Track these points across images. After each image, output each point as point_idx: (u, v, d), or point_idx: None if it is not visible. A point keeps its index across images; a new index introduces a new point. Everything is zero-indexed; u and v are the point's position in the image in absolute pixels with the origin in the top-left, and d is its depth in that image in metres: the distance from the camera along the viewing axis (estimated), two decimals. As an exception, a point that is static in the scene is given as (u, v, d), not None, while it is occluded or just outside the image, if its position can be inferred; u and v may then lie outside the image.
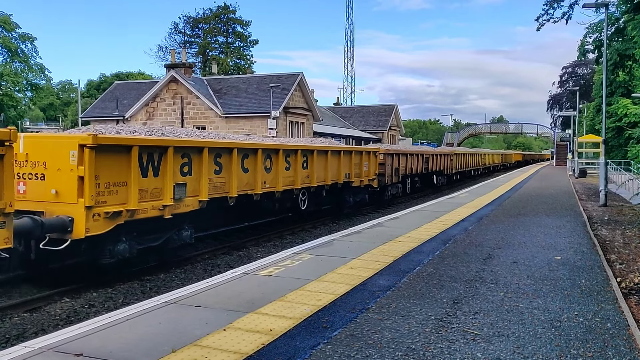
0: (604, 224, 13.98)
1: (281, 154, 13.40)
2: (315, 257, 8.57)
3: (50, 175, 8.27)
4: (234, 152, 11.45)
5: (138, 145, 8.90)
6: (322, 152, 15.69)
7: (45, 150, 8.34)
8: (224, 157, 11.22)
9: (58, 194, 8.17)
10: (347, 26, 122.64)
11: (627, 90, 38.27)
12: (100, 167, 8.28)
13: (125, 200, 8.74)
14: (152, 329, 5.14)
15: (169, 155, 9.54)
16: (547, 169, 56.03)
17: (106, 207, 8.38)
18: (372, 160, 19.60)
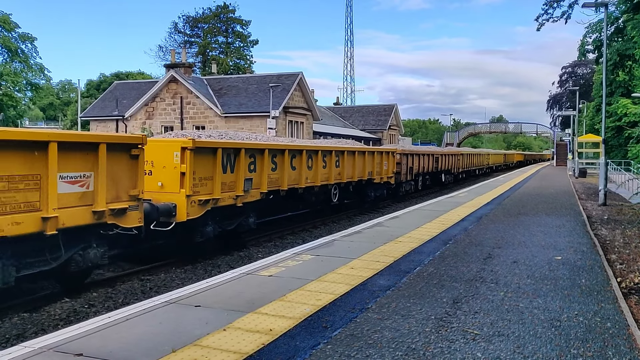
0: (603, 223, 13.99)
1: (320, 154, 15.51)
2: (316, 257, 8.57)
3: (157, 171, 10.30)
4: (286, 153, 13.64)
5: (222, 147, 11.15)
6: (351, 153, 17.93)
7: (152, 151, 10.03)
8: (278, 157, 13.45)
9: (163, 186, 10.26)
10: (347, 26, 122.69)
11: (627, 90, 38.28)
12: (196, 164, 10.43)
13: (211, 191, 10.92)
14: (152, 328, 5.14)
15: (242, 155, 11.74)
16: (547, 169, 56.06)
17: (199, 196, 10.54)
18: (391, 160, 22.03)
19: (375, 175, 20.05)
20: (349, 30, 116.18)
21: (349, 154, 17.74)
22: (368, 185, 19.70)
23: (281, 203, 14.33)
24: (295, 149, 14.26)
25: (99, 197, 8.08)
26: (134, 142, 8.84)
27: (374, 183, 20.11)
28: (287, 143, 14.83)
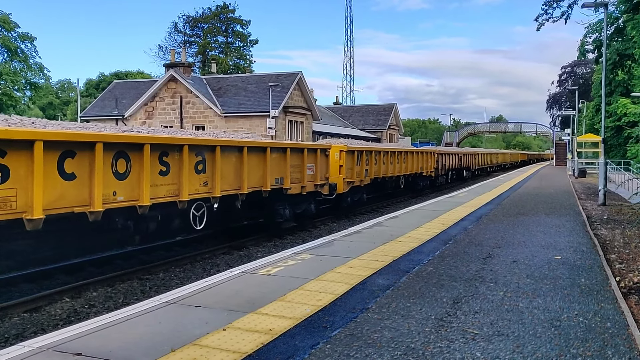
0: (603, 223, 13.99)
1: (396, 155, 23.02)
2: (315, 256, 8.57)
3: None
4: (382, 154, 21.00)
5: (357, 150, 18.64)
6: (412, 153, 25.62)
7: None
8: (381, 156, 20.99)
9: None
10: (347, 26, 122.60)
11: (627, 89, 38.30)
12: (346, 160, 17.63)
13: (352, 177, 18.12)
14: (151, 328, 5.13)
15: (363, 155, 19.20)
16: (546, 168, 56.08)
17: (347, 179, 17.67)
18: (432, 159, 29.14)
19: (424, 170, 27.44)
20: (348, 30, 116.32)
21: (410, 154, 25.24)
22: (419, 177, 27.07)
23: (377, 185, 21.41)
24: (381, 150, 21.49)
25: (317, 177, 15.23)
26: (327, 147, 16.16)
27: (423, 176, 27.60)
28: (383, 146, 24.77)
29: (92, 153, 8.11)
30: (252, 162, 11.97)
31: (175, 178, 9.85)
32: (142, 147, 8.98)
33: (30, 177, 7.25)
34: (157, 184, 9.42)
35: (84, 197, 8.06)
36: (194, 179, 10.27)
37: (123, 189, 8.74)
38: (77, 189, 7.96)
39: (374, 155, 20.28)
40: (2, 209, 6.88)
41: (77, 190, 7.96)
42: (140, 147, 8.97)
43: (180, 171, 9.89)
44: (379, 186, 21.64)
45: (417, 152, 26.67)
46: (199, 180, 10.42)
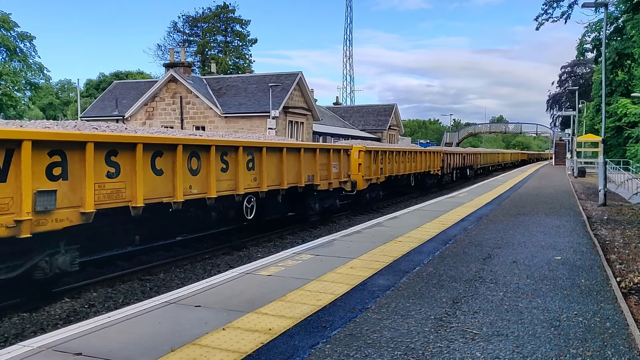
0: (603, 223, 13.99)
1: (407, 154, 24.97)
2: (316, 257, 8.58)
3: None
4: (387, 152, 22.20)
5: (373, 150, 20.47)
6: (420, 153, 27.59)
7: None
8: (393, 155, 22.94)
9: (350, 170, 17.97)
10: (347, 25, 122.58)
11: (627, 89, 38.29)
12: (364, 159, 19.13)
13: (370, 174, 19.78)
14: (151, 328, 5.14)
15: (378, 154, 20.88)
16: (546, 168, 56.08)
17: (365, 177, 19.17)
18: (439, 158, 31.04)
19: (431, 169, 29.28)
20: (348, 30, 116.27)
21: (420, 154, 27.44)
22: (427, 175, 28.84)
23: (391, 183, 23.26)
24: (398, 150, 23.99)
25: (341, 175, 17.02)
26: (349, 148, 18.18)
27: (430, 174, 29.40)
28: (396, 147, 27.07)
29: (174, 153, 9.67)
30: (289, 161, 13.67)
31: (233, 175, 11.47)
32: (209, 149, 10.57)
33: (134, 173, 8.80)
34: (220, 179, 11.01)
35: (169, 190, 9.63)
36: (246, 175, 11.93)
37: (196, 183, 10.35)
38: (164, 183, 9.53)
39: (388, 155, 22.13)
40: (116, 198, 8.54)
41: (164, 184, 9.54)
42: (208, 149, 10.57)
43: (237, 169, 11.54)
44: (392, 184, 23.35)
45: (425, 152, 28.87)
46: (250, 176, 12.09)
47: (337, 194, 17.12)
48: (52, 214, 7.51)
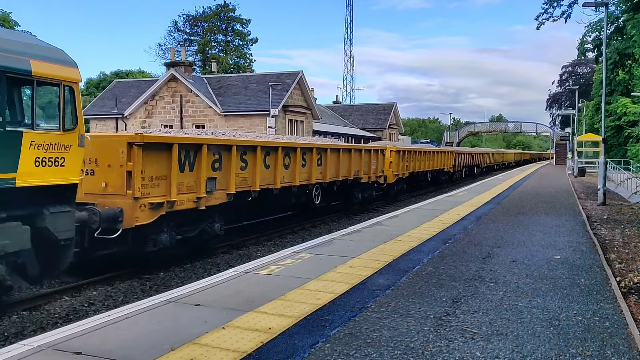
0: (603, 222, 13.99)
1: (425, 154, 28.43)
2: (315, 256, 8.58)
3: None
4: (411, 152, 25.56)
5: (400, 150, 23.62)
6: (436, 152, 31.40)
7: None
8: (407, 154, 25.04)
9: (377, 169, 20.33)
10: (347, 25, 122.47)
11: (627, 89, 38.26)
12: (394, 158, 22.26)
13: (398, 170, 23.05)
14: (151, 327, 5.14)
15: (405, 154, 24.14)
16: (546, 168, 56.11)
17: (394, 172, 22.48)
18: (451, 157, 34.55)
19: (445, 167, 32.82)
20: (348, 29, 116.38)
21: (436, 153, 31.02)
22: (441, 172, 32.37)
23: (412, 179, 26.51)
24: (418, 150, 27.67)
25: (377, 170, 20.08)
26: (384, 148, 21.30)
27: (444, 171, 33.06)
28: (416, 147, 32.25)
29: (276, 153, 13.43)
30: (344, 159, 17.42)
31: (308, 169, 15.24)
32: (296, 150, 14.40)
33: (255, 167, 12.55)
34: (301, 172, 14.78)
35: (272, 179, 13.43)
36: (316, 169, 15.67)
37: (286, 175, 14.13)
38: (270, 174, 13.33)
39: (412, 154, 25.89)
40: (244, 184, 12.27)
41: (270, 175, 13.35)
42: (295, 150, 14.38)
43: (310, 164, 15.32)
44: (413, 179, 26.95)
45: (441, 152, 32.83)
46: (318, 170, 15.88)
47: (373, 186, 20.67)
48: (213, 194, 11.10)
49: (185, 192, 10.31)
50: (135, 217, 9.07)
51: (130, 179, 9.07)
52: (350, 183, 18.14)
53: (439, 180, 32.41)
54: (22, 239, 7.12)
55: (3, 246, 6.85)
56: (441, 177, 32.78)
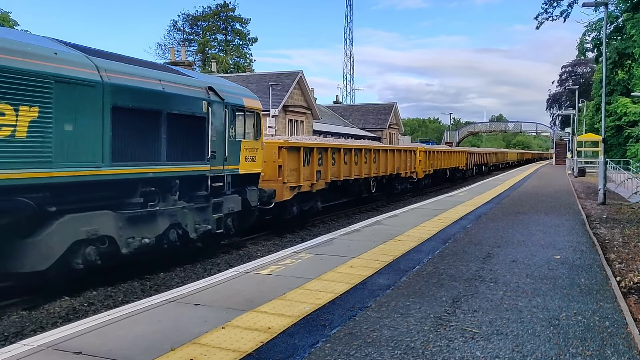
0: (602, 222, 14.00)
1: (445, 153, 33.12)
2: (315, 255, 8.58)
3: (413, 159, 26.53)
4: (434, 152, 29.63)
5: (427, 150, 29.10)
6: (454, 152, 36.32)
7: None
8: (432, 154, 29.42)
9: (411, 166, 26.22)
10: (347, 25, 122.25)
11: (626, 89, 38.26)
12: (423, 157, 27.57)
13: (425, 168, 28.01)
14: (151, 327, 5.14)
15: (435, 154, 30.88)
16: (546, 167, 56.13)
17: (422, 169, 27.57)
18: (463, 156, 39.04)
19: (459, 165, 37.40)
20: (348, 29, 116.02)
21: (454, 153, 36.08)
22: (456, 170, 37.12)
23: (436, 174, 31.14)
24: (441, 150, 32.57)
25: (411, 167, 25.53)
26: (415, 149, 26.67)
27: (459, 169, 37.78)
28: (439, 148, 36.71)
29: (351, 153, 18.46)
30: (390, 158, 22.63)
31: (368, 165, 20.28)
32: (361, 150, 19.49)
33: (340, 163, 17.60)
34: (364, 168, 19.81)
35: (349, 172, 18.38)
36: (372, 165, 20.63)
37: (356, 170, 19.06)
38: (348, 168, 18.33)
39: (434, 154, 30.45)
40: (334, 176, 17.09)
41: (348, 169, 18.32)
42: (360, 150, 19.43)
43: (370, 161, 20.44)
44: (435, 175, 31.14)
45: (457, 152, 38.16)
46: (375, 167, 20.85)
47: (408, 180, 25.73)
48: (318, 182, 16.14)
49: (305, 180, 15.39)
50: (282, 195, 14.10)
51: (280, 170, 14.17)
52: (394, 177, 23.56)
53: (454, 177, 37.31)
54: (238, 204, 11.93)
55: (232, 208, 11.67)
56: (456, 174, 37.82)
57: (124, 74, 8.76)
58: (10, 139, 6.91)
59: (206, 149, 10.63)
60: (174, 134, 9.70)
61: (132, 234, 8.99)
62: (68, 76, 7.70)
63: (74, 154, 7.77)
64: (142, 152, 9.03)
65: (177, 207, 10.03)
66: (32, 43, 7.62)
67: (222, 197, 11.33)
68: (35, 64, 7.28)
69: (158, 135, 9.36)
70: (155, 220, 9.52)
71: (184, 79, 10.45)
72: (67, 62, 7.82)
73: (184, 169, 10.00)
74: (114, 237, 8.64)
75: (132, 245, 9.01)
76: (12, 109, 6.95)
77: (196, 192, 10.61)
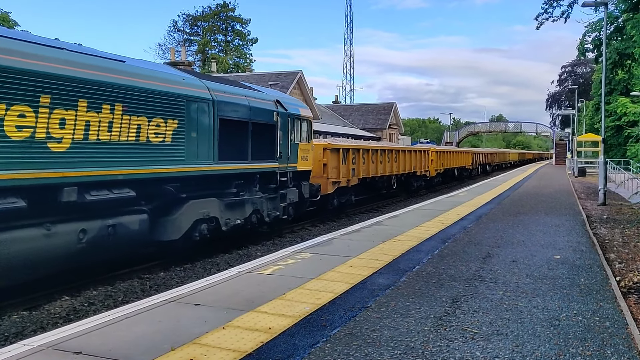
0: (603, 222, 14.00)
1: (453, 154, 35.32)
2: (315, 255, 8.58)
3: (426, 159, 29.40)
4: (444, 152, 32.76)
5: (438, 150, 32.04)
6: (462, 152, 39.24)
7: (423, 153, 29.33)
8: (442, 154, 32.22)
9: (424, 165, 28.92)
10: (347, 25, 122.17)
11: (626, 88, 38.27)
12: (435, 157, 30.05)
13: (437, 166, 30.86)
14: (151, 327, 5.14)
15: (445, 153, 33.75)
16: (546, 168, 56.13)
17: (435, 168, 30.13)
18: (471, 156, 42.13)
19: (465, 164, 39.81)
20: (348, 29, 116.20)
21: (461, 153, 38.82)
22: (463, 169, 39.36)
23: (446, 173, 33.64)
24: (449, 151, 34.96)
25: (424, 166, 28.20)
26: (428, 149, 29.31)
27: (465, 168, 40.30)
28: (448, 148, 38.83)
29: (377, 153, 20.96)
30: (408, 158, 25.27)
31: (391, 164, 22.83)
32: (385, 151, 21.94)
33: (369, 162, 20.19)
34: (387, 166, 22.33)
35: (376, 170, 20.94)
36: (394, 164, 23.24)
37: (381, 168, 21.61)
38: (375, 167, 20.85)
39: (445, 154, 32.98)
40: (364, 173, 19.77)
41: (375, 167, 20.88)
42: (384, 151, 21.95)
43: (392, 161, 22.99)
44: (445, 174, 33.58)
45: (464, 152, 41.48)
46: (395, 165, 23.37)
47: (422, 178, 28.25)
48: (352, 178, 18.65)
49: (343, 176, 17.97)
50: (326, 189, 16.60)
51: (325, 168, 16.79)
52: (410, 175, 26.20)
53: (462, 176, 39.98)
54: (296, 196, 14.52)
55: (292, 198, 14.26)
56: (463, 173, 40.46)
57: (224, 93, 11.38)
58: (162, 144, 9.44)
59: (276, 151, 13.23)
60: (255, 138, 12.28)
61: (229, 216, 11.61)
62: (193, 96, 10.23)
63: (196, 154, 10.31)
64: (236, 153, 11.65)
65: (257, 196, 12.73)
66: (168, 72, 10.38)
67: (286, 190, 13.96)
68: (176, 88, 9.83)
69: (246, 139, 12.03)
70: (244, 206, 12.21)
71: (260, 94, 13.20)
72: (191, 85, 10.36)
73: (261, 166, 12.72)
74: (218, 217, 11.25)
75: (229, 224, 11.62)
76: (164, 122, 9.45)
77: (269, 185, 13.24)
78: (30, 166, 7.17)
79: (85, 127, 7.97)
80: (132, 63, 9.41)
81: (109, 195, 8.49)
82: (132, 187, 8.99)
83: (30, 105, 7.16)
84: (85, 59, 8.22)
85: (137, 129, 8.87)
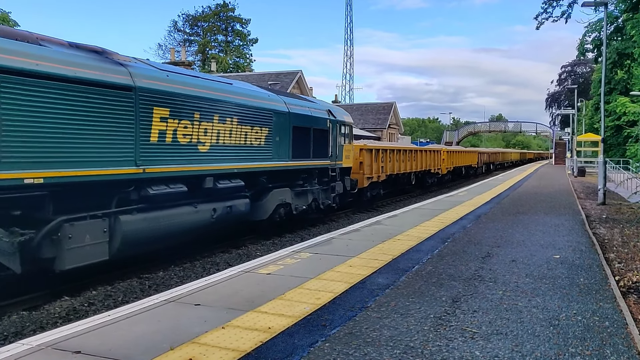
0: (602, 222, 14.00)
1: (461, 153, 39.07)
2: (314, 255, 8.58)
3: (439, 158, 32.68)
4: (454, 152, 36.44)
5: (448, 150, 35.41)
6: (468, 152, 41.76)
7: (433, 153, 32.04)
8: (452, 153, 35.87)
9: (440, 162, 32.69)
10: (347, 25, 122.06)
11: (626, 88, 38.27)
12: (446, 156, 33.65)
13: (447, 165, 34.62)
14: (151, 327, 5.14)
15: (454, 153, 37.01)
16: (545, 167, 56.14)
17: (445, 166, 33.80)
18: (475, 155, 44.92)
19: (471, 163, 42.72)
20: (348, 29, 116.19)
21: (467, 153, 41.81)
22: (469, 167, 42.15)
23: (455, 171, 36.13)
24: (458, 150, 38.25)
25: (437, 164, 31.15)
26: (440, 149, 32.76)
27: (472, 167, 43.05)
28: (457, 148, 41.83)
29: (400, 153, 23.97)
30: (423, 157, 27.98)
31: (411, 163, 25.50)
32: (406, 151, 25.00)
33: (393, 160, 23.19)
34: (407, 164, 25.02)
35: (399, 168, 23.88)
36: (413, 163, 25.93)
37: (403, 166, 24.51)
38: (398, 165, 23.77)
39: (454, 153, 35.92)
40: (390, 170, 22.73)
41: (398, 165, 23.78)
42: (406, 151, 24.97)
43: (411, 160, 25.63)
44: (454, 171, 36.40)
45: (471, 151, 44.61)
46: (414, 163, 26.05)
47: (434, 175, 30.74)
48: (382, 174, 21.47)
49: (375, 173, 20.66)
50: (362, 183, 19.48)
51: (361, 165, 19.66)
52: (425, 173, 28.91)
53: (468, 174, 42.92)
54: (341, 188, 17.36)
55: (339, 190, 17.02)
56: (469, 171, 43.46)
57: (295, 105, 14.38)
58: (259, 146, 12.40)
59: (328, 150, 16.19)
60: (315, 141, 15.24)
61: (297, 203, 14.60)
62: (277, 109, 13.21)
63: (279, 153, 13.27)
64: (303, 152, 14.55)
65: (315, 187, 15.67)
66: (260, 91, 13.35)
67: (335, 183, 16.81)
68: (267, 103, 12.85)
69: (309, 142, 14.94)
70: (307, 195, 15.21)
71: (316, 104, 16.46)
72: (275, 101, 13.38)
73: (319, 163, 15.66)
74: (291, 203, 14.19)
75: (298, 209, 14.55)
76: (260, 129, 12.40)
77: (323, 179, 16.16)
78: (189, 163, 10.05)
79: (217, 134, 10.85)
80: (237, 84, 12.63)
81: (229, 184, 11.38)
82: (242, 178, 11.88)
83: (190, 120, 9.98)
84: (215, 84, 11.22)
85: (245, 135, 11.83)
